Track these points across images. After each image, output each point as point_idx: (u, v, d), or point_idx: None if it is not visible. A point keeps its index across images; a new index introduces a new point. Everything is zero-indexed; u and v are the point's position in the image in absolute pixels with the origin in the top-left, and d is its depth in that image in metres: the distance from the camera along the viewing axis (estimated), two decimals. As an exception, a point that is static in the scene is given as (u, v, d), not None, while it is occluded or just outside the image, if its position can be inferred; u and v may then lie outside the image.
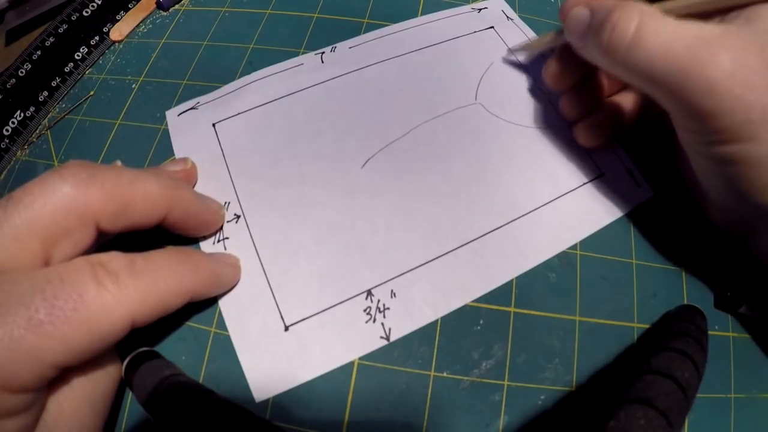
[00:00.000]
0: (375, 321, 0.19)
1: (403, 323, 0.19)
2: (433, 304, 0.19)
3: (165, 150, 0.23)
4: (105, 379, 0.16)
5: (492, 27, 0.26)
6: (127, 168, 0.17)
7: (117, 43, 0.27)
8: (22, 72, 0.25)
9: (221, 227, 0.20)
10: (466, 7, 0.27)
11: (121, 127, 0.24)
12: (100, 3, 0.28)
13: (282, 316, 0.18)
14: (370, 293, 0.19)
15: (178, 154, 0.22)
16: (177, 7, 0.28)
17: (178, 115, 0.23)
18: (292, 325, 0.18)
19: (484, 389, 0.18)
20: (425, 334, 0.19)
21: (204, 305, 0.19)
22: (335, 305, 0.19)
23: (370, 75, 0.24)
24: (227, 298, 0.19)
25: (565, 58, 0.21)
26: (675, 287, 0.20)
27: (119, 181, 0.16)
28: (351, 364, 0.18)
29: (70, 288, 0.13)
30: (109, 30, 0.27)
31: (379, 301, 0.19)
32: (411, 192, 0.21)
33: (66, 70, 0.25)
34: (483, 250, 0.20)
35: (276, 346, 0.18)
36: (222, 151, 0.22)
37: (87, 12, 0.27)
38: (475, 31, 0.26)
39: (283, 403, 0.17)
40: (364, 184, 0.21)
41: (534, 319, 0.19)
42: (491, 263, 0.20)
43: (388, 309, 0.19)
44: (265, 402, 0.17)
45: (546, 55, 0.24)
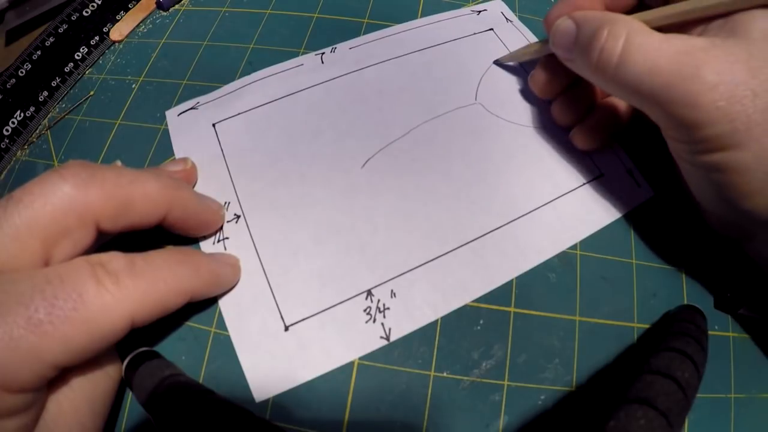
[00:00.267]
0: (375, 321, 0.19)
1: (403, 323, 0.19)
2: (433, 304, 0.19)
3: (165, 150, 0.23)
4: (105, 379, 0.16)
5: (491, 29, 0.26)
6: (127, 168, 0.17)
7: (117, 43, 0.27)
8: (22, 72, 0.25)
9: (221, 227, 0.20)
10: (466, 9, 0.27)
11: (121, 127, 0.24)
12: (100, 3, 0.28)
13: (282, 316, 0.18)
14: (370, 293, 0.19)
15: (178, 154, 0.22)
16: (177, 7, 0.28)
17: (178, 115, 0.23)
18: (292, 325, 0.18)
19: (484, 389, 0.18)
20: (425, 334, 0.19)
21: (204, 305, 0.19)
22: (335, 305, 0.19)
23: (370, 75, 0.24)
24: (227, 298, 0.19)
25: (551, 67, 0.21)
26: (675, 287, 0.20)
27: (119, 181, 0.16)
28: (351, 364, 0.18)
29: (70, 288, 0.13)
30: (109, 30, 0.27)
31: (379, 301, 0.19)
32: (411, 192, 0.21)
33: (66, 70, 0.25)
34: (483, 250, 0.20)
35: (276, 346, 0.18)
36: (222, 151, 0.22)
37: (87, 12, 0.27)
38: (474, 33, 0.26)
39: (283, 403, 0.17)
40: (364, 184, 0.21)
41: (534, 319, 0.19)
42: (491, 263, 0.20)
43: (388, 309, 0.19)
44: (265, 402, 0.17)
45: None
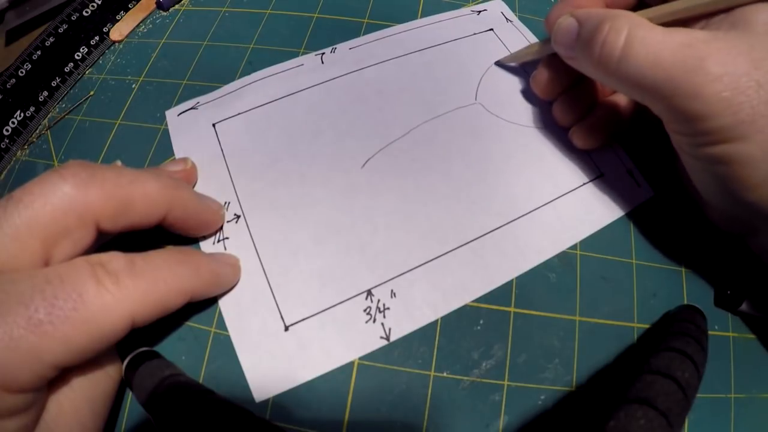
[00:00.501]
0: (375, 321, 0.19)
1: (403, 323, 0.19)
2: (433, 304, 0.19)
3: (165, 150, 0.23)
4: (105, 379, 0.16)
5: (491, 29, 0.26)
6: (127, 168, 0.17)
7: (117, 43, 0.27)
8: (22, 72, 0.25)
9: (221, 227, 0.20)
10: (466, 10, 0.27)
11: (121, 127, 0.24)
12: (100, 3, 0.28)
13: (282, 316, 0.18)
14: (370, 293, 0.19)
15: (178, 154, 0.22)
16: (177, 7, 0.28)
17: (178, 115, 0.23)
18: (292, 325, 0.18)
19: (484, 389, 0.18)
20: (425, 334, 0.19)
21: (204, 305, 0.19)
22: (335, 305, 0.19)
23: (370, 75, 0.24)
24: (227, 298, 0.19)
25: (553, 67, 0.21)
26: (675, 287, 0.20)
27: (119, 181, 0.16)
28: (351, 364, 0.18)
29: (70, 288, 0.13)
30: (109, 30, 0.27)
31: (379, 301, 0.19)
32: (411, 192, 0.21)
33: (66, 70, 0.25)
34: (483, 250, 0.20)
35: (276, 346, 0.18)
36: (222, 151, 0.22)
37: (87, 12, 0.27)
38: (474, 33, 0.26)
39: (283, 403, 0.17)
40: (364, 184, 0.21)
41: (534, 319, 0.19)
42: (491, 263, 0.20)
43: (388, 309, 0.19)
44: (265, 402, 0.17)
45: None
